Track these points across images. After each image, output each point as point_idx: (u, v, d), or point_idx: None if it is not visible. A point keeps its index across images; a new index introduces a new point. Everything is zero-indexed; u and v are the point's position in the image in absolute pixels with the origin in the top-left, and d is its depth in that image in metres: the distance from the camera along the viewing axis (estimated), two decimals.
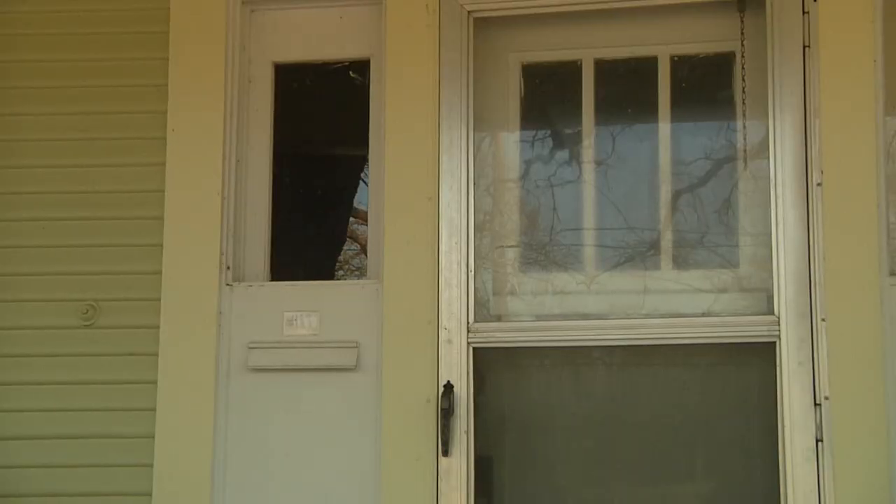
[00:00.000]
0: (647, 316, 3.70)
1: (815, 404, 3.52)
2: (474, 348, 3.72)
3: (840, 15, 3.66)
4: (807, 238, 3.59)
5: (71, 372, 3.91)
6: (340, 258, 4.82)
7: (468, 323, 3.72)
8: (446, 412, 3.56)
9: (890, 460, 3.48)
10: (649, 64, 3.82)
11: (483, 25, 3.91)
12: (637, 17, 3.85)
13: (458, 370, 3.67)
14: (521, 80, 3.96)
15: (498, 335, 3.75)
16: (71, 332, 3.92)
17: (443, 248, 3.75)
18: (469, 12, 3.88)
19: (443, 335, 3.70)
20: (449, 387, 3.61)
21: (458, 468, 3.61)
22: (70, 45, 4.07)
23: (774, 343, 3.57)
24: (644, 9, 3.83)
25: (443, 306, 3.71)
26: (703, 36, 3.81)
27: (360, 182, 4.83)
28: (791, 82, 3.63)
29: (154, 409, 3.83)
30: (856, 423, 3.51)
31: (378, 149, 3.92)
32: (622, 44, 3.87)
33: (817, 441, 3.51)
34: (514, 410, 3.77)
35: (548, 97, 3.97)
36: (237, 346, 3.87)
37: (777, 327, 3.56)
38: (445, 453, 3.57)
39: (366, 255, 4.10)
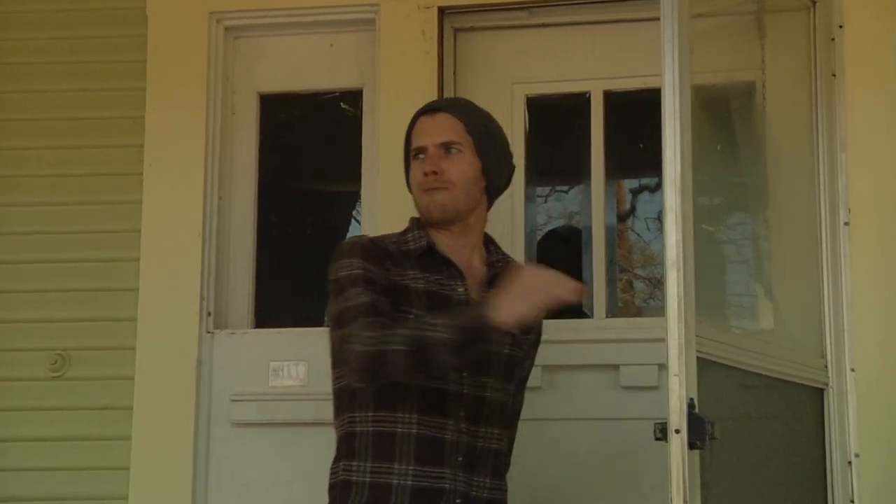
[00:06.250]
0: None
1: (848, 462, 3.32)
2: None
3: (866, 41, 3.51)
4: (839, 281, 3.40)
5: (38, 427, 3.79)
6: None
7: None
8: None
9: None
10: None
11: None
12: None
13: None
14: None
15: None
16: (38, 385, 3.80)
17: None
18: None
19: None
20: None
21: None
22: (42, 76, 3.98)
23: (823, 390, 3.35)
24: None
25: None
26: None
27: (352, 220, 4.73)
28: (822, 113, 3.46)
29: (128, 469, 3.71)
30: (887, 485, 3.30)
31: (372, 184, 3.84)
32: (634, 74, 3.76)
33: (850, 502, 3.29)
34: None
35: None
36: (219, 399, 3.75)
37: (826, 372, 3.35)
38: None
39: None
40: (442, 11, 3.79)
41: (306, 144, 4.50)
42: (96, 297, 3.82)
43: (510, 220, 3.76)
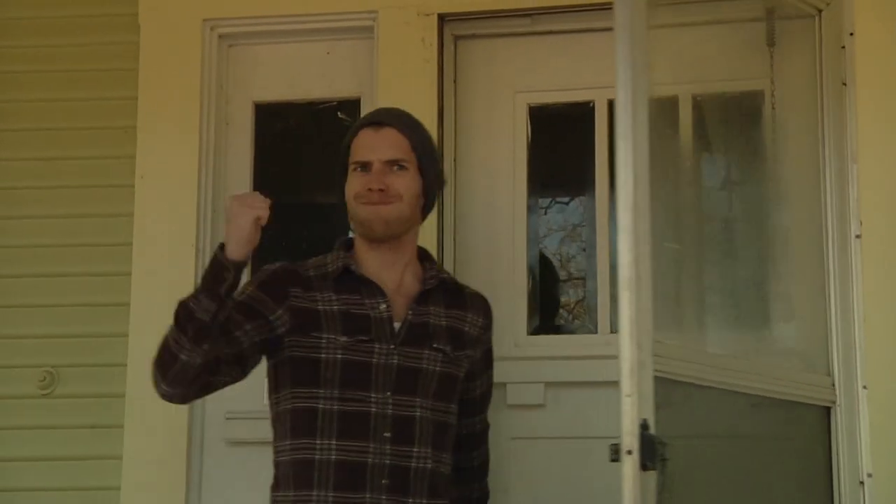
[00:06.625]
0: None
1: (860, 482, 3.26)
2: None
3: (878, 48, 3.45)
4: (849, 296, 3.34)
5: (26, 447, 3.73)
6: None
7: None
8: None
9: None
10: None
11: None
12: None
13: None
14: None
15: None
16: (26, 402, 3.75)
17: None
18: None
19: None
20: None
21: None
22: (29, 85, 3.92)
23: (829, 409, 3.30)
24: None
25: None
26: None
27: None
28: (830, 123, 3.41)
29: (119, 489, 3.64)
30: None
31: None
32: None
33: None
34: None
35: None
36: (213, 417, 3.70)
37: (833, 390, 3.30)
38: None
39: None
40: (442, 18, 3.76)
41: (302, 155, 4.40)
42: (86, 312, 3.77)
43: (511, 231, 3.73)
